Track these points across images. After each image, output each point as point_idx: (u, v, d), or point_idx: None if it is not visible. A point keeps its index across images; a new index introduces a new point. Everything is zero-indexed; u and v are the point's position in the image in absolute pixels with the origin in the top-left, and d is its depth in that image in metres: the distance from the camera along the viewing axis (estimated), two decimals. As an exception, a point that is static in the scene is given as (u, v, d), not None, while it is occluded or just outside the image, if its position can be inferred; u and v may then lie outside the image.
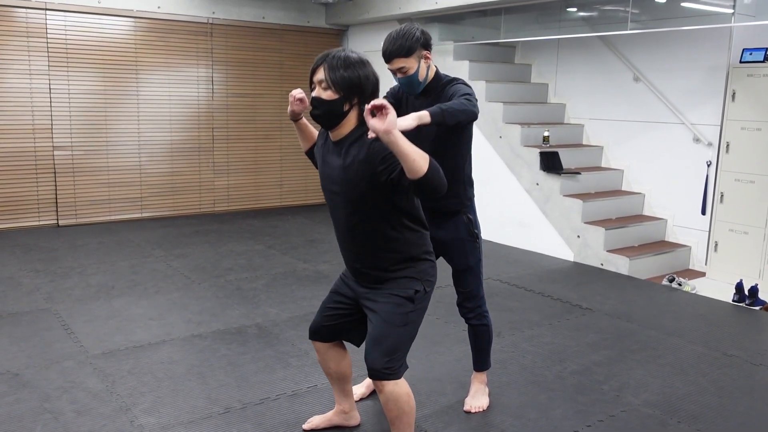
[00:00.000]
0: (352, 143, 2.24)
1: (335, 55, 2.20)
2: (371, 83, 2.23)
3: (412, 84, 2.73)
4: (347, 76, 2.18)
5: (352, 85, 2.19)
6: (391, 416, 2.38)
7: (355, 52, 2.24)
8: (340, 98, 2.19)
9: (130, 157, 7.05)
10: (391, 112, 1.96)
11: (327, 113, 2.22)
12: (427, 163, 2.01)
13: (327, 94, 2.20)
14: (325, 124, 2.28)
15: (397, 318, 2.34)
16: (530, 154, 6.13)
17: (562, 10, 6.41)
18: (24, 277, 4.94)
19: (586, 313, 4.45)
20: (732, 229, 5.30)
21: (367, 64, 2.24)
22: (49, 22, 6.43)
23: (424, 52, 2.69)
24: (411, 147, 1.99)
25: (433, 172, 2.03)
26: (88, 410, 2.93)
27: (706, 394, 3.26)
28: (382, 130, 1.95)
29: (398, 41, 2.63)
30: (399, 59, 2.65)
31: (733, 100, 5.22)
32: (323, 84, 2.20)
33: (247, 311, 4.30)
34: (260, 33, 7.67)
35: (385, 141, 1.97)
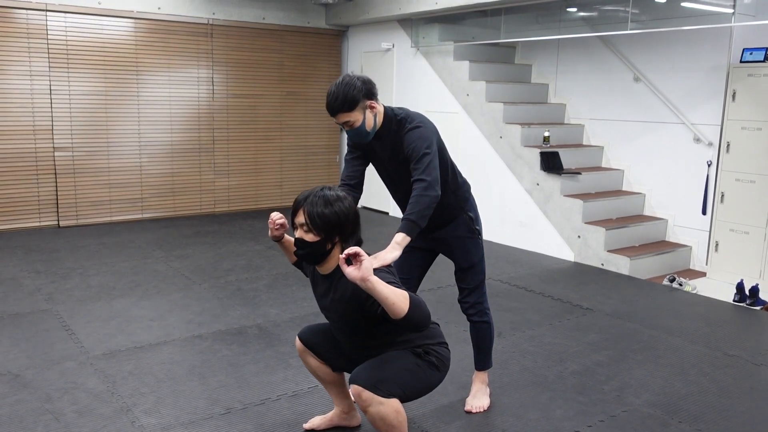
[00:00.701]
0: (340, 278, 2.30)
1: (313, 198, 2.27)
2: (351, 219, 2.30)
3: (360, 135, 2.70)
4: (327, 215, 2.24)
5: (332, 226, 2.26)
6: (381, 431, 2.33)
7: (333, 190, 2.31)
8: (322, 239, 2.27)
9: (130, 158, 7.05)
10: (365, 260, 1.99)
11: (311, 254, 2.31)
12: (407, 303, 2.06)
13: (309, 236, 2.28)
14: (311, 262, 2.37)
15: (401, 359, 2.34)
16: (531, 154, 6.13)
17: (562, 11, 6.40)
18: (25, 278, 4.94)
19: (586, 313, 4.44)
20: (733, 228, 5.30)
21: (344, 199, 2.30)
22: (49, 23, 6.43)
23: (368, 102, 2.64)
24: (388, 290, 2.03)
25: (414, 311, 2.07)
26: (89, 411, 2.93)
27: (707, 394, 3.26)
28: (359, 278, 1.98)
29: (339, 97, 2.59)
30: (342, 114, 2.61)
31: (733, 100, 5.22)
32: (304, 227, 2.28)
33: (248, 312, 4.30)
34: (260, 34, 7.67)
35: (363, 288, 2.01)
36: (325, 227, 2.26)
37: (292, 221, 2.35)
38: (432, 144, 2.64)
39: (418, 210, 2.53)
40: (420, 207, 2.53)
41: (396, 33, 7.56)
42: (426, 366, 2.38)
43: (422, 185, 2.57)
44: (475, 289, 2.98)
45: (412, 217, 2.51)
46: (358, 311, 2.27)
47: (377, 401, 2.23)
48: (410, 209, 2.54)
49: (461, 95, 6.84)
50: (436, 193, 2.57)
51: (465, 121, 6.80)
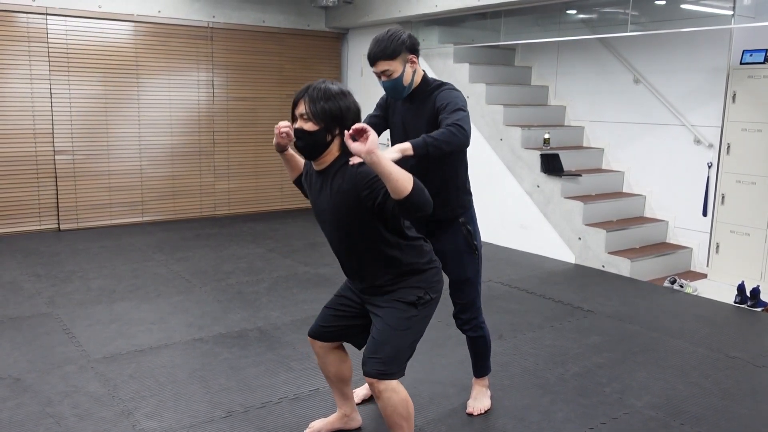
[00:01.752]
0: (336, 173, 2.28)
1: (315, 87, 2.25)
2: (352, 113, 2.27)
3: (396, 88, 2.69)
4: (327, 107, 2.22)
5: (333, 117, 2.23)
6: (389, 422, 2.38)
7: (336, 84, 2.29)
8: (322, 129, 2.24)
9: (131, 161, 7.06)
10: (371, 135, 2.00)
11: (310, 144, 2.27)
12: (411, 183, 2.04)
13: (309, 125, 2.25)
14: (309, 155, 2.33)
15: (399, 323, 2.34)
16: (531, 156, 6.13)
17: (562, 13, 6.41)
18: (25, 282, 4.94)
19: (587, 315, 4.44)
20: (733, 230, 5.29)
21: (347, 95, 2.28)
22: (50, 27, 6.44)
23: (410, 56, 2.65)
24: (394, 167, 2.02)
25: (416, 192, 2.05)
26: (90, 415, 2.93)
27: (709, 396, 3.26)
28: (365, 151, 1.99)
29: (383, 43, 2.60)
30: (383, 62, 2.61)
31: (733, 102, 5.22)
32: (305, 116, 2.25)
33: (249, 315, 4.30)
34: (260, 37, 7.68)
35: (368, 162, 2.01)
36: (326, 116, 2.22)
37: (293, 114, 2.31)
38: (466, 107, 2.59)
39: (437, 137, 2.39)
40: (442, 137, 2.40)
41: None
42: (422, 317, 2.39)
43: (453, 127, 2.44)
44: (469, 306, 2.91)
45: (428, 139, 2.38)
46: (353, 206, 2.23)
47: (391, 387, 2.31)
48: (432, 133, 2.42)
49: (461, 97, 6.83)
50: (464, 139, 2.45)
51: (465, 124, 6.79)
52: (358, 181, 2.18)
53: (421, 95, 2.73)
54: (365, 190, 2.16)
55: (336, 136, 2.27)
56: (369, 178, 2.15)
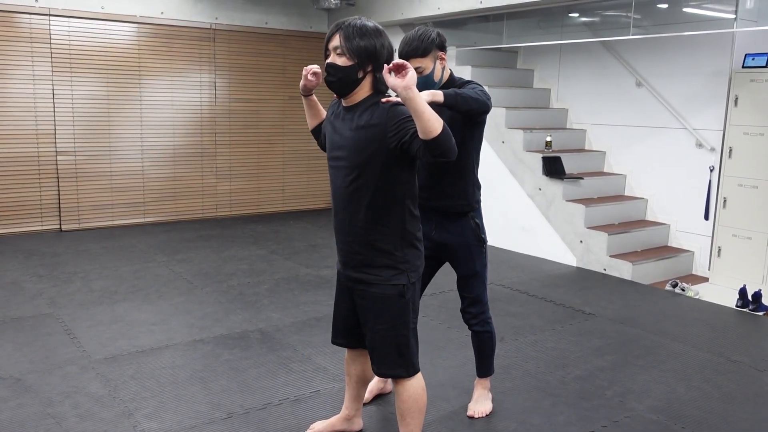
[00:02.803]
0: (365, 110, 2.26)
1: (351, 23, 2.23)
2: (386, 52, 2.26)
3: (427, 84, 2.75)
4: (363, 44, 2.20)
5: (367, 53, 2.21)
6: (403, 409, 2.40)
7: (371, 21, 2.27)
8: (355, 65, 2.21)
9: (132, 162, 7.06)
10: (411, 71, 2.02)
11: (341, 79, 2.24)
12: (441, 125, 2.05)
13: (342, 60, 2.22)
14: (339, 91, 2.29)
15: (391, 319, 2.34)
16: (533, 159, 6.13)
17: (564, 16, 6.41)
18: (27, 282, 4.94)
19: (589, 318, 4.44)
20: (735, 234, 5.29)
21: (382, 33, 2.26)
22: (52, 28, 6.45)
23: (440, 53, 2.75)
24: (427, 107, 2.04)
25: (445, 135, 2.06)
26: (91, 415, 2.93)
27: (711, 399, 3.25)
28: (402, 85, 2.00)
29: (414, 42, 2.70)
30: (415, 59, 2.69)
31: (735, 106, 5.22)
32: (338, 50, 2.22)
33: (250, 316, 4.30)
34: (263, 38, 7.69)
35: (404, 97, 2.01)
36: (360, 52, 2.19)
37: (326, 48, 2.28)
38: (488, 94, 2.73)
39: (465, 93, 2.60)
40: (470, 94, 2.61)
41: (398, 38, 7.55)
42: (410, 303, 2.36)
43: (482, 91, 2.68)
44: (477, 300, 2.96)
45: (458, 91, 2.59)
46: (376, 142, 2.20)
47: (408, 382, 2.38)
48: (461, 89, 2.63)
49: (463, 100, 6.83)
50: (486, 102, 2.66)
51: (467, 126, 6.79)
52: (389, 119, 2.17)
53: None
54: (393, 129, 2.16)
55: (368, 73, 2.25)
56: (400, 117, 2.15)
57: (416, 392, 2.40)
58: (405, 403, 2.40)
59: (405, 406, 2.40)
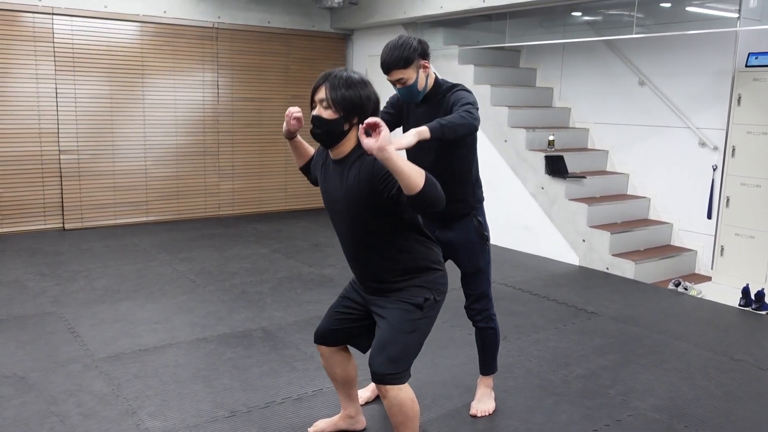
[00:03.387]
0: (353, 162, 2.26)
1: (337, 75, 2.23)
2: (372, 103, 2.26)
3: (411, 94, 2.74)
4: (348, 95, 2.20)
5: (352, 105, 2.21)
6: (395, 421, 2.38)
7: (357, 73, 2.28)
8: (341, 118, 2.22)
9: (135, 161, 7.07)
10: (384, 130, 1.99)
11: (327, 132, 2.25)
12: (423, 179, 2.03)
13: (328, 113, 2.23)
14: (325, 143, 2.31)
15: (405, 324, 2.34)
16: (535, 158, 6.12)
17: (567, 15, 6.40)
18: (30, 281, 4.95)
19: (591, 317, 4.43)
20: (738, 233, 5.28)
21: (368, 84, 2.27)
22: (55, 27, 6.46)
23: (422, 62, 2.69)
24: (406, 163, 2.02)
25: (429, 187, 2.04)
26: (94, 413, 2.94)
27: (713, 398, 3.25)
28: (376, 147, 1.98)
29: (395, 52, 2.64)
30: (397, 70, 2.66)
31: (738, 104, 5.21)
32: (324, 103, 2.23)
33: (253, 315, 4.30)
34: (265, 37, 7.69)
35: (380, 158, 2.00)
36: (345, 105, 2.20)
37: (312, 100, 2.29)
38: (476, 103, 2.66)
39: (451, 120, 2.50)
40: (455, 120, 2.51)
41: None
42: (427, 319, 2.38)
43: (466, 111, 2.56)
44: (482, 296, 2.97)
45: (443, 121, 2.48)
46: (368, 197, 2.21)
47: (397, 387, 2.31)
48: (446, 117, 2.53)
49: (466, 99, 6.83)
50: (474, 122, 2.56)
51: (469, 125, 6.79)
52: (374, 174, 2.17)
53: (435, 98, 2.78)
54: (380, 182, 2.16)
55: (354, 125, 2.25)
56: (385, 171, 2.13)
57: (404, 403, 2.34)
58: (394, 416, 2.37)
59: (394, 419, 2.38)
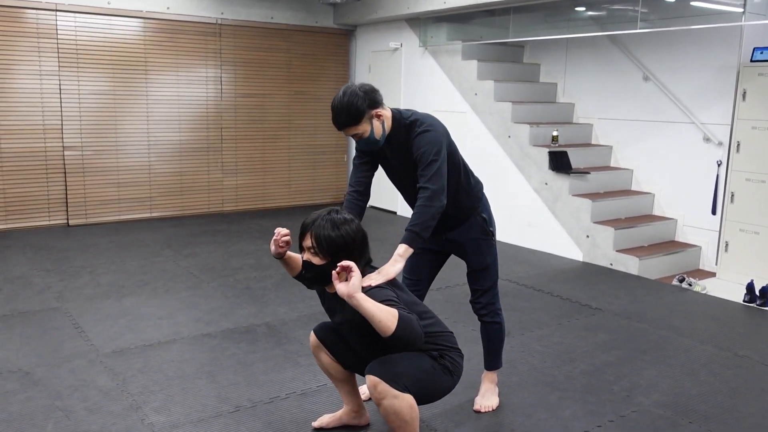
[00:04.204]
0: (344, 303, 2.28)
1: (320, 222, 2.29)
2: (358, 241, 2.32)
3: (370, 143, 2.71)
4: (334, 237, 2.27)
5: (338, 248, 2.28)
6: (392, 426, 2.35)
7: (340, 213, 2.33)
8: (329, 262, 2.28)
9: (139, 157, 7.08)
10: (355, 275, 2.07)
11: (318, 277, 2.35)
12: (395, 322, 2.08)
13: (316, 259, 2.30)
14: (317, 285, 2.43)
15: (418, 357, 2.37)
16: (539, 153, 6.11)
17: (570, 10, 6.38)
18: (35, 277, 4.96)
19: (595, 313, 4.43)
20: (743, 229, 5.27)
21: (351, 221, 2.33)
22: (59, 23, 6.46)
23: (374, 112, 2.63)
24: (376, 307, 2.08)
25: (402, 329, 2.09)
26: (99, 408, 2.95)
27: (718, 394, 3.24)
28: (346, 294, 2.07)
29: (343, 115, 2.59)
30: (350, 128, 2.63)
31: (743, 100, 5.19)
32: (311, 250, 2.30)
33: (257, 310, 4.31)
34: (268, 33, 7.68)
35: (351, 304, 2.08)
36: (332, 250, 2.28)
37: (300, 244, 2.37)
38: (441, 149, 2.62)
39: (421, 221, 2.55)
40: (424, 218, 2.55)
41: (404, 32, 7.56)
42: (441, 369, 2.39)
43: (427, 194, 2.57)
44: (488, 291, 2.98)
45: (415, 229, 2.54)
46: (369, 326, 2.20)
47: (392, 394, 2.25)
48: (414, 220, 2.56)
49: (469, 95, 6.83)
50: (441, 203, 2.57)
51: (473, 121, 6.79)
52: None
53: (398, 137, 2.72)
54: None
55: None
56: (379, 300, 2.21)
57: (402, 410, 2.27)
58: (392, 423, 2.32)
59: (393, 425, 2.34)
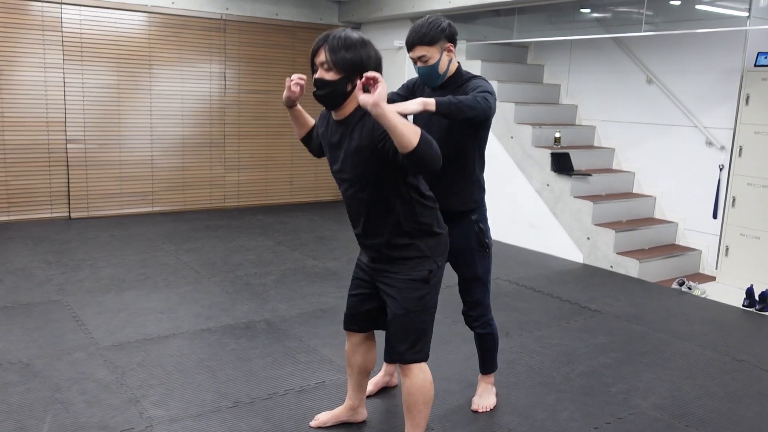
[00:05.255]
0: (357, 123, 2.26)
1: (336, 36, 2.22)
2: (373, 62, 2.25)
3: (431, 75, 2.67)
4: (348, 56, 2.20)
5: (353, 65, 2.20)
6: (410, 401, 2.41)
7: (356, 32, 2.26)
8: (343, 78, 2.21)
9: (141, 151, 7.09)
10: (381, 86, 1.99)
11: (330, 93, 2.24)
12: (417, 137, 2.02)
13: (329, 75, 2.22)
14: (328, 105, 2.30)
15: (414, 303, 2.37)
16: (541, 154, 6.11)
17: (575, 11, 6.39)
18: (36, 269, 4.98)
19: (594, 315, 4.44)
20: (743, 233, 5.27)
21: (367, 43, 2.25)
22: (64, 16, 6.47)
23: (448, 44, 2.65)
24: (399, 120, 2.00)
25: (423, 145, 2.03)
26: (98, 401, 2.96)
27: (715, 398, 3.25)
28: (371, 102, 1.98)
29: (423, 29, 2.61)
30: (420, 47, 2.62)
31: (746, 104, 5.19)
32: (325, 65, 2.22)
33: (257, 307, 4.32)
34: (273, 30, 7.69)
35: (373, 114, 2.00)
36: (346, 65, 2.19)
37: (312, 62, 2.28)
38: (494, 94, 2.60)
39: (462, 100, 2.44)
40: (467, 101, 2.45)
41: (408, 31, 7.55)
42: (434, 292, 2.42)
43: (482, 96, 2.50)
44: (479, 303, 2.91)
45: (453, 99, 2.44)
46: (372, 157, 2.20)
47: (418, 366, 2.40)
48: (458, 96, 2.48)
49: (473, 94, 6.82)
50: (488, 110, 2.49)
51: (476, 121, 6.78)
52: (374, 132, 2.17)
53: (453, 85, 2.71)
54: (380, 140, 2.16)
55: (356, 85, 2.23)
56: (382, 129, 2.12)
57: (423, 385, 2.41)
58: (412, 396, 2.41)
59: (411, 399, 2.42)
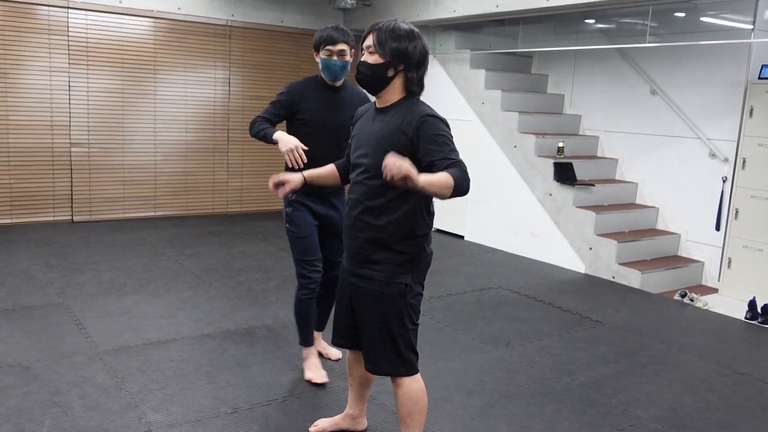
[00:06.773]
0: (397, 111, 2.26)
1: (385, 24, 2.27)
2: (418, 52, 2.27)
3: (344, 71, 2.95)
4: (394, 45, 2.24)
5: (398, 52, 2.24)
6: (404, 412, 2.39)
7: (406, 23, 2.29)
8: (385, 63, 2.24)
9: (145, 155, 7.11)
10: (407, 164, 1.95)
11: (371, 77, 2.27)
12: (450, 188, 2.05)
13: (373, 58, 2.26)
14: (370, 88, 2.33)
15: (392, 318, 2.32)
16: (544, 164, 6.11)
17: (580, 22, 6.40)
18: (38, 272, 4.98)
19: (596, 325, 4.42)
20: (746, 245, 5.26)
21: (416, 35, 2.28)
22: (70, 21, 6.50)
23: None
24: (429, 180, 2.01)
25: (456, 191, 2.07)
26: (97, 405, 2.95)
27: (716, 411, 3.23)
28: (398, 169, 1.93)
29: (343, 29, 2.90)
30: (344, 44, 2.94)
31: (750, 116, 5.19)
32: (370, 49, 2.27)
33: (257, 312, 4.32)
34: (278, 36, 7.71)
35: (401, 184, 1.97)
36: (391, 51, 2.23)
37: (360, 49, 2.33)
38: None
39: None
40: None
41: (413, 39, 7.56)
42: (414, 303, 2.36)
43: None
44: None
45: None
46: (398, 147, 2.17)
47: (409, 378, 2.38)
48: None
49: (476, 103, 6.84)
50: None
51: (479, 130, 6.80)
52: (419, 133, 2.18)
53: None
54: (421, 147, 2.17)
55: (399, 72, 2.27)
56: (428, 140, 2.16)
57: (415, 394, 2.39)
58: (404, 406, 2.39)
59: (405, 409, 2.40)
